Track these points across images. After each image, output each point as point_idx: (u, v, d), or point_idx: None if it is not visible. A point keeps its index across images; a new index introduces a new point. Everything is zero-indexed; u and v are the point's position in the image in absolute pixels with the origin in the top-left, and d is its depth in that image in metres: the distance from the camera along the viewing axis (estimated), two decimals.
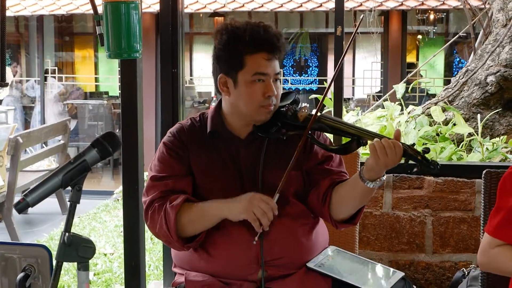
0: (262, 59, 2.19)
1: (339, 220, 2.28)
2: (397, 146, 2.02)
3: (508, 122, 4.88)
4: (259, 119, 2.23)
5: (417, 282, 3.81)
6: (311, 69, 14.34)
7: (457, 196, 3.74)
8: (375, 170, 2.08)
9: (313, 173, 2.31)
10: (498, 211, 1.98)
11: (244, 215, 2.08)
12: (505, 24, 4.92)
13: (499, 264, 1.97)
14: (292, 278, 2.20)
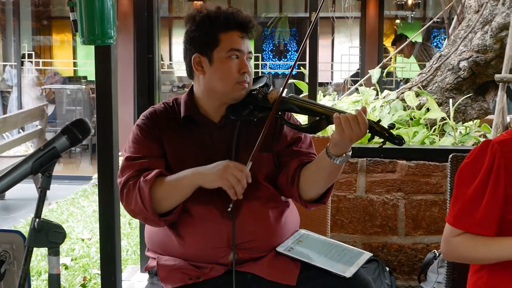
0: (237, 36, 2.26)
1: (308, 200, 2.32)
2: (361, 118, 2.05)
3: (480, 106, 4.95)
4: (234, 96, 2.27)
5: (390, 263, 3.88)
6: (290, 53, 14.38)
7: (429, 179, 3.81)
8: (341, 145, 2.11)
9: (283, 155, 2.35)
10: (456, 200, 2.02)
11: (218, 182, 2.09)
12: (478, 10, 4.97)
13: (461, 253, 2.02)
14: (261, 261, 2.25)
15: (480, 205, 1.95)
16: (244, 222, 2.23)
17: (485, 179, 1.95)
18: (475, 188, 1.97)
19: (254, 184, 2.22)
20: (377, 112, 4.68)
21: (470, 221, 1.97)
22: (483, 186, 1.95)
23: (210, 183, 2.12)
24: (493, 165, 1.94)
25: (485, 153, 1.97)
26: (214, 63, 2.26)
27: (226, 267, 2.23)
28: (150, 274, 2.37)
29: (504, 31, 4.64)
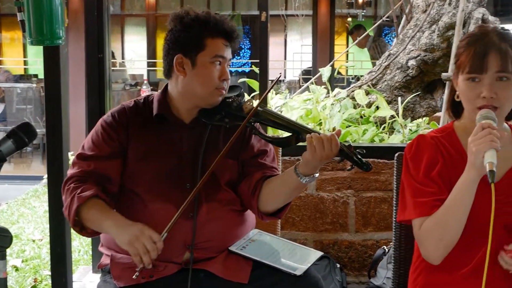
0: (222, 43, 2.28)
1: (265, 213, 2.36)
2: (334, 140, 2.12)
3: (428, 104, 5.06)
4: (211, 101, 2.29)
5: (341, 260, 3.94)
6: (243, 51, 14.40)
7: (378, 176, 3.88)
8: (311, 164, 2.16)
9: (247, 165, 2.39)
10: (404, 192, 2.08)
11: (126, 247, 2.10)
12: (425, 10, 5.08)
13: (438, 233, 1.99)
14: (214, 260, 2.27)
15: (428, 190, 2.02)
16: (202, 222, 2.25)
17: (428, 168, 2.04)
18: (420, 179, 2.04)
19: (216, 188, 2.29)
20: (328, 110, 4.74)
21: (428, 205, 2.01)
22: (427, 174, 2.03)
23: (119, 243, 2.14)
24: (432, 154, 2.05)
25: (422, 145, 2.08)
26: (197, 67, 2.27)
27: (180, 266, 2.25)
28: (103, 271, 2.37)
29: (451, 31, 4.76)
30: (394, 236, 2.46)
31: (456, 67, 2.04)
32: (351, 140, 4.32)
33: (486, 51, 1.96)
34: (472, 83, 1.97)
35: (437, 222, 1.98)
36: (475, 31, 2.06)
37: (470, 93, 1.97)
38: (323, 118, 4.54)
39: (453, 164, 2.05)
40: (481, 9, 4.82)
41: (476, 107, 1.96)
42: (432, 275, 2.10)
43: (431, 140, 2.07)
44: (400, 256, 2.45)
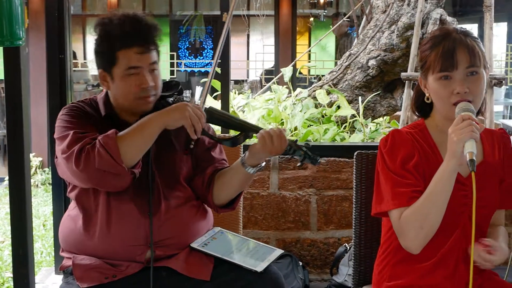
0: (134, 53, 2.25)
1: (219, 205, 2.42)
2: (283, 136, 2.23)
3: (388, 103, 5.13)
4: (140, 110, 2.30)
5: (303, 258, 3.98)
6: (206, 51, 14.39)
7: (339, 175, 3.92)
8: (258, 156, 2.27)
9: (201, 159, 2.43)
10: (380, 185, 2.14)
11: (182, 121, 2.14)
12: (385, 11, 5.15)
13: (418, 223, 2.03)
14: (177, 257, 2.29)
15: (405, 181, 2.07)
16: (162, 220, 2.28)
17: (404, 159, 2.09)
18: (396, 169, 2.09)
19: (174, 184, 2.32)
20: (289, 110, 4.78)
21: (406, 196, 2.06)
22: (403, 165, 2.09)
23: (175, 122, 2.15)
24: (407, 147, 2.10)
25: (397, 138, 2.13)
26: (115, 80, 2.28)
27: (143, 264, 2.27)
28: (65, 273, 2.37)
29: (410, 31, 4.83)
30: (354, 233, 2.51)
31: (424, 70, 2.09)
32: (312, 139, 4.37)
33: (454, 48, 2.03)
34: (444, 81, 2.03)
35: (418, 211, 2.03)
36: (437, 33, 2.12)
37: (444, 91, 2.04)
38: (285, 118, 4.58)
39: (427, 158, 2.11)
40: (439, 9, 4.91)
41: (451, 104, 2.03)
42: (398, 267, 2.15)
43: (406, 135, 2.13)
44: (360, 253, 2.49)
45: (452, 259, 2.08)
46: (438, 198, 2.00)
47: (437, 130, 2.16)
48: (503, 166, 2.19)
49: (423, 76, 2.12)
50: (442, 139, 2.12)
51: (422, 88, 2.14)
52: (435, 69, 2.04)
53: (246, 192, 3.90)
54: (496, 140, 2.21)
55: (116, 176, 2.14)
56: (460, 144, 1.90)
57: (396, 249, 2.15)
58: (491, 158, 2.17)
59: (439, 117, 2.14)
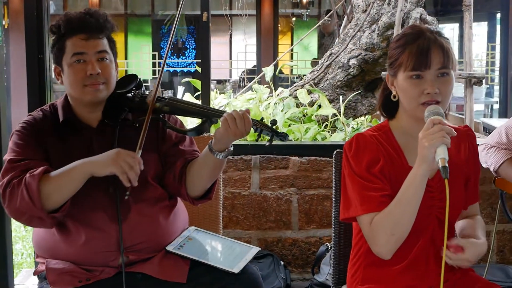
0: (79, 39, 2.24)
1: (195, 197, 2.38)
2: (246, 117, 2.15)
3: (369, 102, 5.14)
4: (87, 98, 2.25)
5: (285, 258, 3.98)
6: (188, 51, 14.36)
7: (320, 174, 3.92)
8: (224, 140, 2.20)
9: (169, 154, 2.38)
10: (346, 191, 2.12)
11: (111, 168, 2.08)
12: (365, 10, 5.16)
13: (388, 227, 2.02)
14: (151, 261, 2.27)
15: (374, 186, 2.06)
16: (133, 224, 2.24)
17: (370, 163, 2.08)
18: (364, 175, 2.08)
19: (142, 185, 2.25)
20: (271, 109, 4.78)
21: (375, 201, 2.05)
22: (370, 170, 2.08)
23: (103, 169, 2.09)
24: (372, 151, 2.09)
25: (362, 142, 2.11)
26: (64, 71, 2.26)
27: (117, 269, 2.23)
28: (39, 278, 2.34)
29: (390, 30, 4.85)
30: (333, 232, 2.51)
31: (395, 67, 2.06)
32: (293, 138, 4.37)
33: (429, 48, 2.01)
34: (415, 80, 2.01)
35: (389, 217, 2.01)
36: (409, 31, 2.10)
37: (414, 90, 2.02)
38: (266, 117, 4.57)
39: (392, 161, 2.10)
40: (419, 9, 4.92)
41: (419, 103, 2.01)
42: (369, 270, 2.15)
43: (370, 138, 2.11)
44: (340, 252, 2.49)
45: (422, 260, 2.08)
46: (409, 203, 1.99)
47: (401, 131, 2.14)
48: (468, 164, 2.18)
49: (392, 73, 2.09)
50: (407, 141, 2.12)
51: (389, 86, 2.12)
52: (408, 67, 2.02)
53: (227, 192, 3.89)
54: (461, 138, 2.19)
55: (37, 218, 2.13)
56: (432, 149, 1.88)
57: (367, 252, 2.15)
58: (456, 158, 2.15)
59: (405, 117, 2.12)
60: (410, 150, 2.10)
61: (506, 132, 2.76)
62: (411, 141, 2.09)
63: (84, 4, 12.50)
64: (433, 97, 2.01)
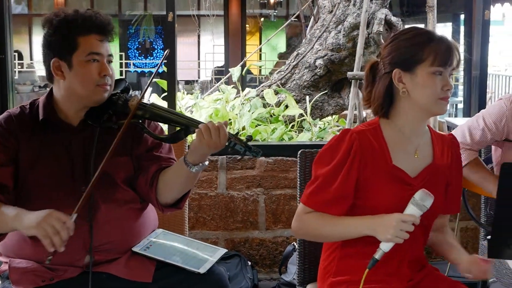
0: (95, 39, 2.24)
1: (165, 204, 2.36)
2: (222, 129, 2.12)
3: (336, 102, 5.18)
4: (96, 99, 2.25)
5: (252, 258, 3.99)
6: (156, 51, 14.30)
7: (287, 174, 3.94)
8: (199, 153, 2.17)
9: (143, 159, 2.36)
10: (312, 182, 2.14)
11: (33, 230, 2.01)
12: (331, 11, 5.20)
13: (309, 230, 2.15)
14: (117, 262, 2.26)
15: (332, 186, 2.08)
16: (101, 225, 2.23)
17: (341, 164, 2.08)
18: (329, 171, 2.09)
19: (112, 187, 2.25)
20: (237, 109, 4.78)
21: (320, 200, 2.10)
22: (337, 170, 2.08)
23: (26, 230, 2.05)
24: (350, 152, 2.08)
25: (344, 141, 2.11)
26: (73, 68, 2.22)
27: (82, 269, 2.22)
28: (2, 278, 2.32)
29: (356, 31, 4.89)
30: None
31: (412, 62, 2.08)
32: (260, 138, 4.38)
33: (451, 47, 2.08)
34: (437, 76, 2.06)
35: (317, 228, 2.13)
36: (423, 31, 2.16)
37: (435, 86, 2.06)
38: (233, 117, 4.58)
39: (373, 157, 2.11)
40: (384, 9, 4.97)
41: (438, 98, 2.07)
42: (344, 262, 2.16)
43: (353, 134, 2.11)
44: (305, 251, 2.51)
45: (396, 257, 2.11)
46: (338, 237, 2.14)
47: (392, 130, 2.16)
48: (450, 171, 2.23)
49: (405, 69, 2.10)
50: (396, 140, 2.15)
51: (395, 82, 2.12)
52: (434, 62, 2.06)
53: (194, 193, 3.89)
54: (445, 145, 2.25)
55: None
56: (387, 241, 1.97)
57: (342, 245, 2.17)
58: (440, 161, 2.20)
59: (410, 113, 2.13)
60: (397, 149, 2.13)
61: (470, 132, 2.79)
62: (401, 140, 2.13)
63: (49, 4, 12.39)
64: (449, 94, 2.09)
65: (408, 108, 2.13)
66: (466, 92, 5.05)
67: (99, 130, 2.28)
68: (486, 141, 2.78)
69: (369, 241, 2.03)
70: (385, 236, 1.96)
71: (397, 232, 1.94)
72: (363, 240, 2.06)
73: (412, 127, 2.14)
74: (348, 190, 2.09)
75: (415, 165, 2.14)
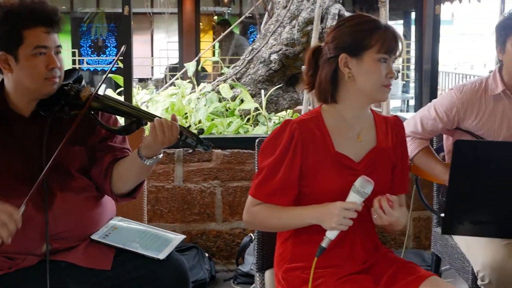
0: (41, 32, 2.20)
1: (119, 195, 2.37)
2: (174, 125, 2.16)
3: (290, 97, 5.24)
4: (45, 91, 2.24)
5: (209, 249, 4.01)
6: (109, 49, 14.17)
7: (243, 166, 3.98)
8: (152, 148, 2.20)
9: (96, 149, 2.37)
10: (258, 174, 2.19)
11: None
12: (286, 6, 5.25)
13: (259, 221, 2.20)
14: (76, 249, 2.26)
15: (275, 177, 2.12)
16: (58, 213, 2.22)
17: (283, 154, 2.12)
18: (273, 162, 2.13)
19: (67, 177, 2.26)
20: (193, 104, 4.80)
21: (266, 192, 2.14)
22: (280, 161, 2.12)
23: None
24: (292, 142, 2.11)
25: (285, 131, 2.14)
26: (20, 62, 2.20)
27: (40, 257, 2.22)
28: None
29: (310, 25, 4.95)
30: None
31: (360, 47, 2.10)
32: (216, 132, 4.41)
33: (397, 36, 2.11)
34: (382, 64, 2.08)
35: (266, 220, 2.18)
36: (373, 18, 2.16)
37: (380, 73, 2.09)
38: (189, 111, 4.60)
39: (315, 145, 2.14)
40: (337, 5, 5.05)
41: (382, 85, 2.10)
42: (298, 249, 2.20)
43: (294, 124, 2.13)
44: (263, 238, 2.54)
45: (347, 241, 2.15)
46: (286, 225, 2.18)
47: (334, 116, 2.19)
48: (395, 152, 2.28)
49: (352, 54, 2.11)
50: (337, 126, 2.18)
51: (341, 67, 2.12)
52: (381, 49, 2.08)
53: (151, 186, 3.90)
54: (389, 127, 2.28)
55: None
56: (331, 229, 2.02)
57: (295, 232, 2.21)
58: (384, 144, 2.24)
59: (354, 99, 2.15)
60: (340, 135, 2.17)
61: (421, 122, 2.87)
62: (343, 126, 2.17)
63: None
64: (391, 82, 2.12)
65: (352, 94, 2.15)
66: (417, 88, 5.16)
67: (51, 120, 2.27)
68: (437, 130, 2.86)
69: (321, 228, 2.07)
70: (329, 225, 2.00)
71: (340, 220, 1.98)
72: (315, 228, 2.09)
73: (354, 112, 2.17)
74: (293, 180, 2.13)
75: (359, 150, 2.18)
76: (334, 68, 2.14)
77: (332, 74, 2.15)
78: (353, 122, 2.19)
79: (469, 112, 2.77)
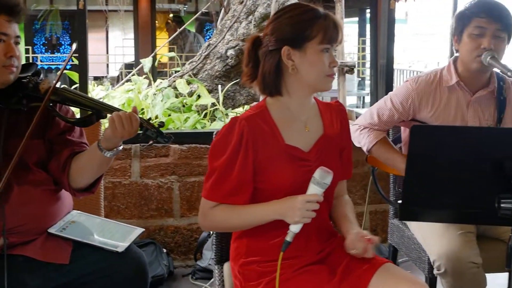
0: (3, 20, 2.20)
1: (77, 189, 2.35)
2: (134, 118, 2.15)
3: (247, 92, 5.24)
4: (2, 80, 2.22)
5: (167, 245, 4.00)
6: (63, 47, 14.00)
7: (200, 161, 3.97)
8: (112, 140, 2.19)
9: (55, 142, 2.35)
10: (209, 175, 2.15)
11: None
12: (242, 1, 5.25)
13: (218, 223, 2.18)
14: (33, 243, 2.24)
15: (230, 177, 2.10)
16: (15, 207, 2.20)
17: (235, 153, 2.09)
18: (225, 162, 2.10)
19: (25, 170, 2.23)
20: (150, 100, 4.77)
21: (222, 192, 2.11)
22: (232, 160, 2.10)
23: None
24: (242, 139, 2.09)
25: (234, 129, 2.11)
26: None
27: None
28: None
29: (266, 21, 4.95)
30: None
31: (301, 39, 2.07)
32: (173, 127, 4.39)
33: (337, 24, 2.10)
34: (325, 54, 2.08)
35: (225, 221, 2.16)
36: (311, 7, 2.13)
37: (323, 63, 2.08)
38: (146, 107, 4.57)
39: (265, 140, 2.13)
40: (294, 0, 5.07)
41: (326, 75, 2.10)
42: (253, 243, 2.19)
43: (242, 121, 2.11)
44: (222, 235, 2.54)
45: (303, 233, 2.13)
46: (247, 223, 2.16)
47: (281, 109, 2.17)
48: (341, 137, 2.29)
49: (294, 46, 2.09)
50: (284, 118, 2.17)
51: (284, 60, 2.10)
52: (323, 40, 2.07)
53: (108, 181, 3.86)
54: (333, 113, 2.29)
55: None
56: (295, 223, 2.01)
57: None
58: (331, 130, 2.25)
59: (299, 91, 2.15)
60: (287, 127, 2.16)
61: (378, 113, 2.90)
62: (290, 118, 2.16)
63: None
64: (334, 71, 2.12)
65: (296, 85, 2.14)
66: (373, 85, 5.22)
67: (8, 112, 2.25)
68: (393, 121, 2.89)
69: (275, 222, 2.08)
70: (293, 219, 2.00)
71: (303, 213, 1.99)
72: (270, 222, 2.10)
73: (299, 103, 2.17)
74: (248, 177, 2.11)
75: (307, 139, 2.18)
76: (277, 60, 2.12)
77: (275, 66, 2.12)
78: (299, 113, 2.19)
79: (424, 103, 2.81)
